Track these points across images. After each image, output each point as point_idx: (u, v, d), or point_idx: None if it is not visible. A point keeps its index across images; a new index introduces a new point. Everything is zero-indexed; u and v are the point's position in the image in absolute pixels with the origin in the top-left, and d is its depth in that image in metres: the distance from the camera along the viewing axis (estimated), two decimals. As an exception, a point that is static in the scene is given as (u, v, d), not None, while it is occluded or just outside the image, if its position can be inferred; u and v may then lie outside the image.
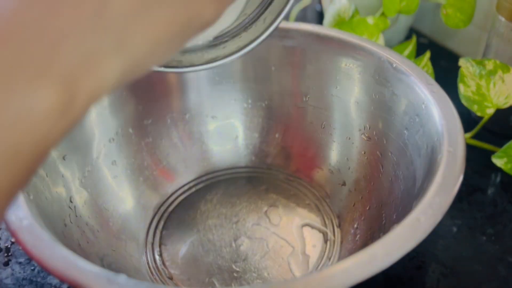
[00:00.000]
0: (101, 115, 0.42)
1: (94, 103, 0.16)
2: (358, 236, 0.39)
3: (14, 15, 0.14)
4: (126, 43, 0.17)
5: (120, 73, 0.17)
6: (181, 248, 0.41)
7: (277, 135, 0.47)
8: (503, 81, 0.44)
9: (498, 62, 0.44)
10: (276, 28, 0.29)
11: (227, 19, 0.30)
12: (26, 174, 0.15)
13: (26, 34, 0.14)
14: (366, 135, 0.42)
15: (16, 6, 0.14)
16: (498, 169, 0.45)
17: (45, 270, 0.26)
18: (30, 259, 0.39)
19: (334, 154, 0.45)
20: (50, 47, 0.14)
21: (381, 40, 0.52)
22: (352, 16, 0.53)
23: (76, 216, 0.36)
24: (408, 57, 0.52)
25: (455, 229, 0.41)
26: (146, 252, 0.41)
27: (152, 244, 0.42)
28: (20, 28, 0.14)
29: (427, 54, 0.50)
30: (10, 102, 0.14)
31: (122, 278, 0.24)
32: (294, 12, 0.60)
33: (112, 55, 0.16)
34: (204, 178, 0.47)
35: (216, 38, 0.31)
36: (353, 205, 0.42)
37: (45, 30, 0.14)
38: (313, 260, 0.39)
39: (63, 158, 0.38)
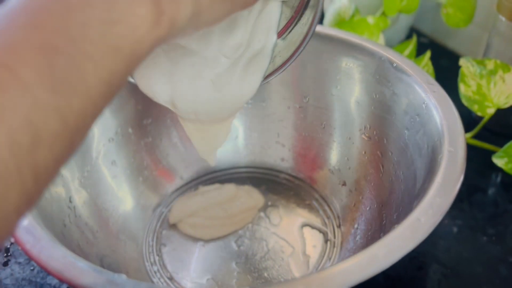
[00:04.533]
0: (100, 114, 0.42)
1: (170, 33, 0.20)
2: (358, 236, 0.39)
3: None
4: None
5: (190, 15, 0.21)
6: (181, 248, 0.41)
7: (277, 135, 0.47)
8: (503, 80, 0.44)
9: (498, 61, 0.44)
10: (316, 25, 0.29)
11: None
12: (124, 71, 0.19)
13: None
14: (367, 135, 0.42)
15: None
16: (499, 169, 0.45)
17: (44, 270, 0.26)
18: (29, 259, 0.39)
19: (334, 154, 0.44)
20: None
21: (381, 39, 0.52)
22: (353, 16, 0.53)
23: (76, 216, 0.36)
24: (409, 56, 0.52)
25: (456, 229, 0.41)
26: (145, 252, 0.41)
27: (152, 244, 0.41)
28: None
29: (428, 54, 0.50)
30: (115, 7, 0.18)
31: (121, 278, 0.24)
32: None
33: None
34: (204, 178, 0.47)
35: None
36: (354, 205, 0.42)
37: None
38: (313, 260, 0.39)
39: (63, 158, 0.37)
